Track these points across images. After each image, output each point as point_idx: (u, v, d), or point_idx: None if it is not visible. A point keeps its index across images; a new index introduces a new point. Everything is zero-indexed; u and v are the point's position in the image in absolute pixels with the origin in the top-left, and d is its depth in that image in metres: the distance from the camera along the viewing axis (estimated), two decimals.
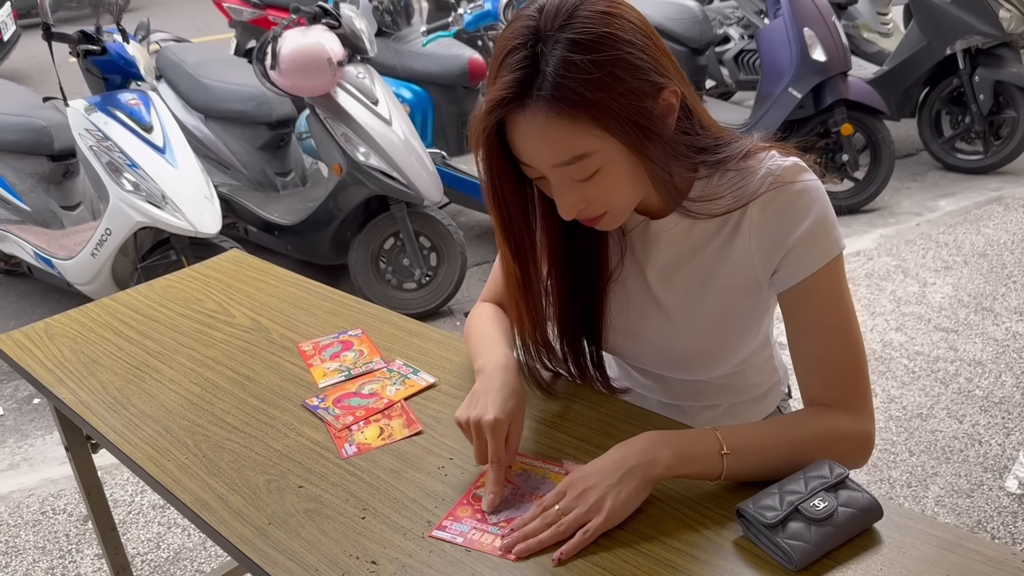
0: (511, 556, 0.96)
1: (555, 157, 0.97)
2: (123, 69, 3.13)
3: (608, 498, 0.96)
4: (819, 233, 1.04)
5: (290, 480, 1.12)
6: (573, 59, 0.92)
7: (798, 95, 3.91)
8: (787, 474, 0.98)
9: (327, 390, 1.32)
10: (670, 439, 1.00)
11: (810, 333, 1.07)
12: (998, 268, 3.44)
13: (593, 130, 0.95)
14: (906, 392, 2.70)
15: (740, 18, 5.09)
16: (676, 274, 1.14)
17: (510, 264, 1.12)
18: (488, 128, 0.98)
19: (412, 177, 3.20)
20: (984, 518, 2.18)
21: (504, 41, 0.97)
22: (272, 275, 1.75)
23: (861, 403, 1.06)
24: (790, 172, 1.05)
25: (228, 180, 3.85)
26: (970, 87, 4.17)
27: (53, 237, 3.48)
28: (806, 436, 1.03)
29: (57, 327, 1.60)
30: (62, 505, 2.48)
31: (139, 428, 1.27)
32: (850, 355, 1.06)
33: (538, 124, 0.95)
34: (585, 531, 0.95)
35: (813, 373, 1.08)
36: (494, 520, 1.02)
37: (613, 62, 0.93)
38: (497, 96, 0.95)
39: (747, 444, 1.00)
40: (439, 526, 1.02)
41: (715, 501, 1.01)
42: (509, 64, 0.95)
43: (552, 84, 0.93)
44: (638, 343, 1.21)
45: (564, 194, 1.01)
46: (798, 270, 1.05)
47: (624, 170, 0.99)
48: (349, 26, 3.27)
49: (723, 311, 1.13)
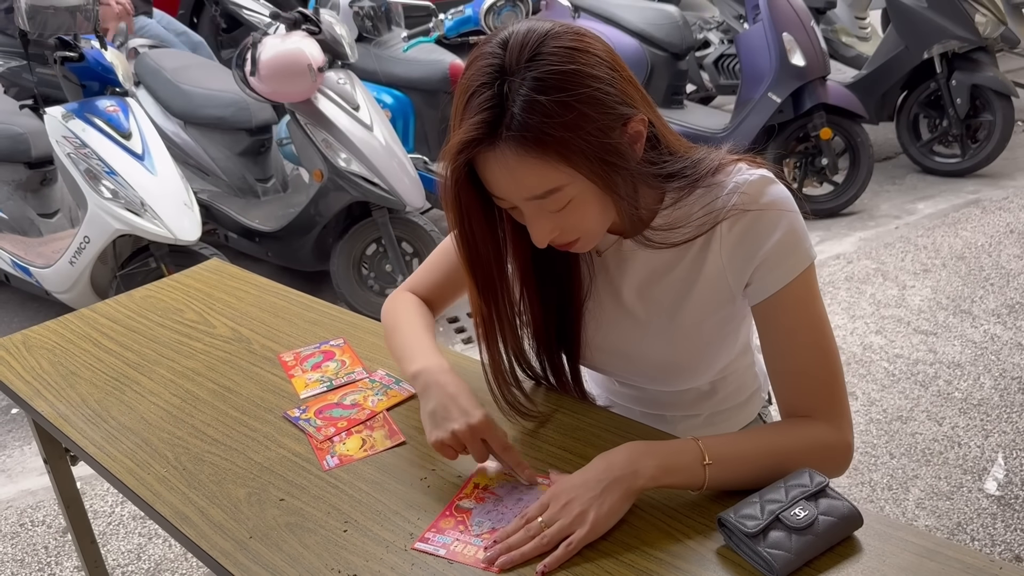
0: (494, 568, 0.95)
1: (527, 192, 0.98)
2: (101, 76, 3.10)
3: (591, 510, 0.96)
4: (789, 246, 1.04)
5: (271, 493, 1.12)
6: (539, 100, 0.92)
7: (777, 99, 3.94)
8: (769, 483, 0.98)
9: (308, 401, 1.32)
10: (653, 450, 1.00)
11: (784, 345, 1.08)
12: (976, 271, 3.47)
13: (561, 166, 0.95)
14: (886, 395, 2.72)
15: (720, 23, 5.12)
16: (651, 290, 1.15)
17: (477, 301, 1.12)
18: (457, 168, 0.98)
19: (394, 183, 3.19)
20: (964, 520, 2.20)
21: (468, 80, 0.97)
22: (253, 284, 1.74)
23: (838, 413, 1.07)
24: (757, 185, 1.04)
25: (208, 186, 3.82)
26: (947, 91, 4.22)
27: (31, 245, 3.44)
28: (787, 446, 1.03)
29: (35, 338, 1.58)
30: (41, 517, 2.45)
31: (118, 441, 1.26)
32: (825, 366, 1.06)
33: (508, 162, 0.95)
34: (568, 543, 0.95)
35: (789, 385, 1.08)
36: (477, 532, 1.02)
37: (580, 100, 0.93)
38: (465, 138, 0.95)
39: (729, 455, 1.01)
40: (421, 538, 1.01)
41: (697, 511, 1.01)
42: (475, 105, 0.95)
43: (520, 124, 0.93)
44: (616, 358, 1.22)
45: (537, 224, 1.01)
46: (770, 283, 1.06)
47: (594, 199, 1.00)
48: (329, 32, 3.26)
49: (699, 323, 1.14)
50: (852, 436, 1.08)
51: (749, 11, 4.13)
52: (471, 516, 1.04)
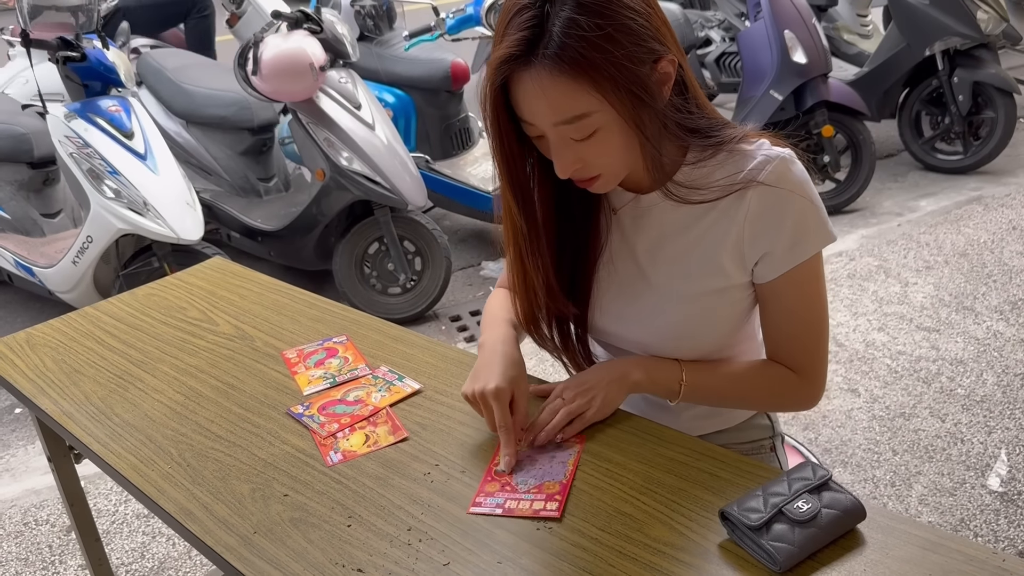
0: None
1: (556, 115, 1.00)
2: (103, 75, 3.10)
3: (599, 396, 1.16)
4: (806, 229, 1.09)
5: (275, 488, 1.12)
6: (579, 20, 0.95)
7: (779, 97, 3.94)
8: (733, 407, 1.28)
9: (312, 397, 1.32)
10: (643, 363, 1.19)
11: (783, 319, 1.16)
12: (978, 267, 3.47)
13: (592, 92, 0.98)
14: (889, 392, 2.72)
15: (721, 21, 5.11)
16: (664, 248, 1.16)
17: (516, 217, 1.14)
18: (495, 84, 1.01)
19: (396, 181, 3.19)
20: (967, 516, 2.20)
21: (512, 0, 1.00)
22: (256, 282, 1.74)
23: (816, 372, 1.19)
24: (787, 163, 1.09)
25: (210, 186, 3.83)
26: (949, 88, 4.21)
27: (34, 245, 3.45)
28: (757, 388, 1.21)
29: (39, 337, 1.58)
30: (45, 516, 2.46)
31: (122, 438, 1.26)
32: (815, 337, 1.17)
33: (541, 83, 0.98)
34: (583, 419, 1.15)
35: (779, 344, 1.19)
36: (524, 489, 1.07)
37: (615, 26, 0.96)
38: (504, 53, 0.98)
39: (703, 384, 1.19)
40: (474, 503, 1.06)
41: (700, 504, 1.01)
42: (517, 23, 0.98)
43: (558, 44, 0.96)
44: (621, 322, 1.22)
45: (562, 152, 1.04)
46: (781, 264, 1.10)
47: (620, 133, 1.03)
48: (331, 31, 3.27)
49: (707, 287, 1.15)
50: (822, 389, 1.21)
51: (750, 9, 4.13)
52: (513, 478, 1.10)
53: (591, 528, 1.00)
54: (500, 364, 1.16)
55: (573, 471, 1.10)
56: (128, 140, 3.03)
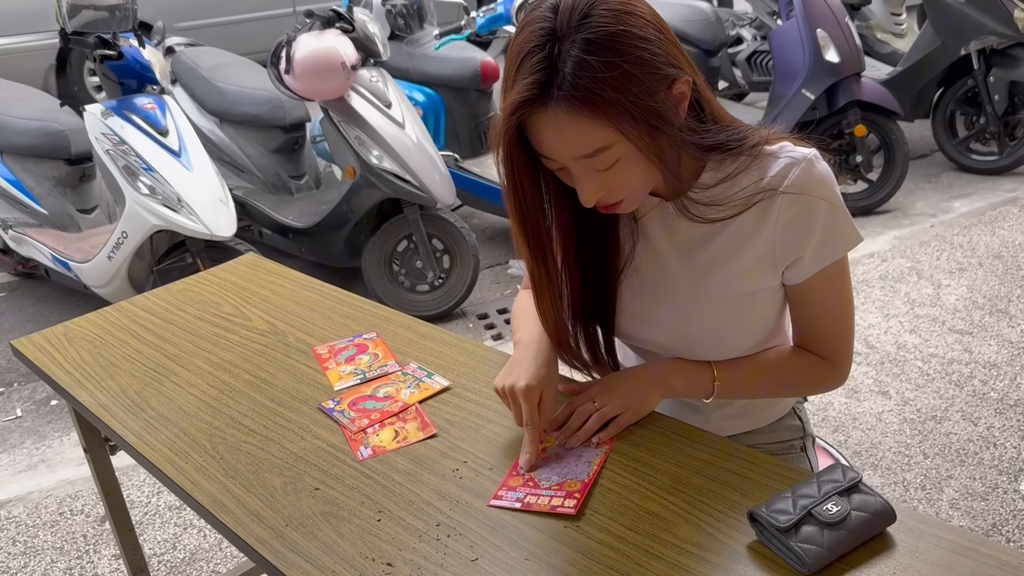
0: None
1: (577, 151, 1.01)
2: (139, 74, 3.15)
3: (634, 399, 1.17)
4: (839, 228, 1.10)
5: (306, 482, 1.13)
6: (589, 60, 0.95)
7: (811, 96, 3.90)
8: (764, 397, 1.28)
9: (342, 393, 1.33)
10: (677, 368, 1.20)
11: (814, 313, 1.18)
12: (1013, 270, 3.42)
13: (610, 127, 0.98)
14: (920, 395, 2.69)
15: (753, 19, 5.08)
16: (692, 252, 1.16)
17: (529, 261, 1.15)
18: (510, 128, 1.01)
19: (425, 180, 3.21)
20: (999, 521, 2.17)
21: (520, 44, 1.00)
22: (288, 279, 1.76)
23: (842, 357, 1.21)
24: (813, 165, 1.08)
25: (243, 183, 3.87)
26: (985, 88, 4.15)
27: (70, 240, 3.51)
28: (788, 377, 1.22)
29: (76, 330, 1.61)
30: (79, 506, 2.50)
31: (157, 430, 1.28)
32: (844, 325, 1.19)
33: (559, 122, 0.98)
34: (618, 423, 1.15)
35: (809, 337, 1.21)
36: (546, 485, 1.08)
37: (628, 61, 0.96)
38: (518, 99, 0.98)
39: (735, 380, 1.21)
40: (495, 496, 1.07)
41: (728, 505, 1.01)
42: (528, 66, 0.98)
43: (571, 84, 0.96)
44: (650, 326, 1.22)
45: (585, 183, 1.05)
46: (815, 263, 1.11)
47: (640, 160, 1.03)
48: (363, 30, 3.29)
49: (735, 291, 1.15)
50: (848, 370, 1.23)
51: (783, 7, 4.10)
52: (537, 474, 1.11)
53: (618, 527, 1.00)
54: (534, 362, 1.17)
55: (597, 471, 1.10)
56: (163, 137, 3.07)
